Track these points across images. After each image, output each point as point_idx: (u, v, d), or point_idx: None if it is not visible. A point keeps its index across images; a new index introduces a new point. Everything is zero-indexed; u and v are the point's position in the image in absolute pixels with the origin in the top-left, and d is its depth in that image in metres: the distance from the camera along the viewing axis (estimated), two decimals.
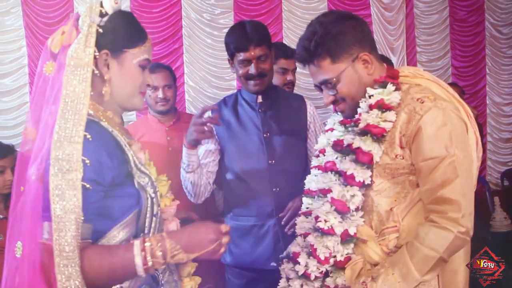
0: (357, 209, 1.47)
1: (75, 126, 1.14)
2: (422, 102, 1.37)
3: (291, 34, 5.55)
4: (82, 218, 1.12)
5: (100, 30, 1.23)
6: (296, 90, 3.18)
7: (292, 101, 2.29)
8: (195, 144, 1.94)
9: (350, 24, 1.46)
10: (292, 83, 2.85)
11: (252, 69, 2.09)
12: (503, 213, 4.01)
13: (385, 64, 1.53)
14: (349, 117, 1.55)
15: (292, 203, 2.06)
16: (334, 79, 1.44)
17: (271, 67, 2.18)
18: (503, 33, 6.33)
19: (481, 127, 5.11)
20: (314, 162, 1.72)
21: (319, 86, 1.53)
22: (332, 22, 1.46)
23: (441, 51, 6.13)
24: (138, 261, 1.16)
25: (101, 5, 1.26)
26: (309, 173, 1.74)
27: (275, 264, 1.89)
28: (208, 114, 2.08)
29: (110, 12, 1.26)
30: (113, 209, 1.21)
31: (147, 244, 1.18)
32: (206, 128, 1.89)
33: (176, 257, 1.19)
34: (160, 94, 2.58)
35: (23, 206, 1.20)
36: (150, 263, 1.17)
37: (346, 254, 1.48)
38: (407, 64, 5.76)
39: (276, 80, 2.63)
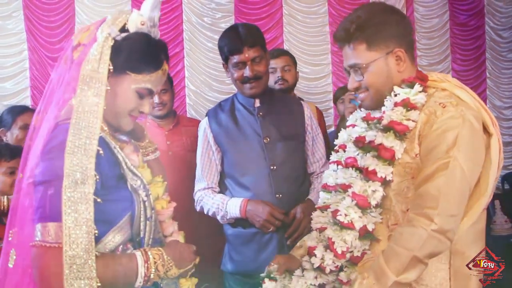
0: (376, 206, 1.47)
1: (88, 139, 1.13)
2: (444, 107, 1.38)
3: (292, 38, 5.57)
4: (96, 231, 1.12)
5: (111, 43, 1.20)
6: (297, 94, 3.19)
7: (290, 104, 2.26)
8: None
9: (395, 18, 1.48)
10: (283, 80, 2.89)
11: (247, 72, 2.05)
12: (504, 217, 4.00)
13: (417, 67, 1.54)
14: (368, 109, 1.56)
15: (295, 211, 2.04)
16: (364, 65, 1.45)
17: (267, 69, 2.14)
18: (503, 37, 6.34)
19: None
20: (333, 157, 1.69)
21: (348, 70, 1.54)
22: (378, 11, 1.48)
23: (442, 55, 6.15)
24: (142, 271, 1.20)
25: (127, 21, 1.24)
26: (310, 177, 1.74)
27: None
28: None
29: (132, 30, 1.24)
30: (108, 212, 1.21)
31: (150, 256, 1.22)
32: (272, 228, 2.01)
33: (170, 272, 1.25)
34: (156, 99, 2.58)
35: (18, 194, 1.21)
36: (152, 275, 1.21)
37: (363, 250, 1.48)
38: None
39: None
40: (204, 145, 2.19)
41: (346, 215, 1.46)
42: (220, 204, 2.09)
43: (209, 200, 2.13)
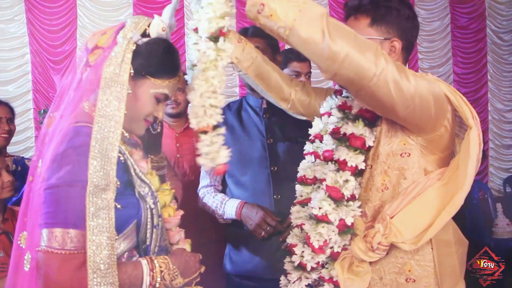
0: (353, 198, 1.46)
1: (110, 145, 1.14)
2: None
3: None
4: (116, 237, 1.13)
5: (133, 48, 1.21)
6: None
7: None
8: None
9: (407, 13, 1.47)
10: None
11: None
12: (506, 220, 3.99)
13: (407, 68, 1.53)
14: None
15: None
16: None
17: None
18: (505, 40, 6.35)
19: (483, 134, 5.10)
20: (308, 147, 1.67)
21: None
22: (400, 0, 1.48)
23: (443, 57, 6.15)
24: (147, 280, 1.19)
25: (148, 26, 1.25)
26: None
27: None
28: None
29: (153, 35, 1.24)
30: (115, 219, 1.19)
31: (157, 264, 1.22)
32: (263, 233, 1.99)
33: (175, 281, 1.25)
34: None
35: (27, 198, 1.21)
36: (157, 285, 1.21)
37: (344, 246, 1.47)
38: None
39: None
40: None
41: (319, 208, 1.45)
42: (219, 204, 2.12)
43: (210, 198, 2.16)
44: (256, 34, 2.01)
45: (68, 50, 5.24)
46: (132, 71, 1.21)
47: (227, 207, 2.09)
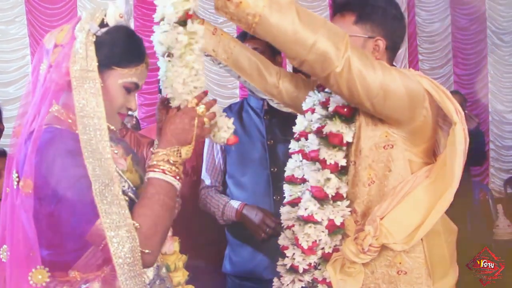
0: (340, 197, 1.45)
1: (100, 143, 1.12)
2: None
3: None
4: (137, 224, 1.10)
5: (93, 39, 1.17)
6: None
7: None
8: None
9: (394, 13, 1.47)
10: None
11: None
12: (507, 221, 3.99)
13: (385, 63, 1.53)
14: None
15: None
16: None
17: None
18: (505, 41, 6.35)
19: (483, 135, 5.09)
20: (294, 145, 1.63)
21: None
22: (387, 0, 1.48)
23: (443, 59, 6.15)
24: (170, 180, 1.18)
25: (105, 15, 1.21)
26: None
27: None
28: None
29: (111, 24, 1.20)
30: None
31: (162, 157, 1.18)
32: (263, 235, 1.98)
33: (183, 156, 1.21)
34: None
35: (7, 209, 1.17)
36: (174, 173, 1.19)
37: (335, 246, 1.46)
38: None
39: None
40: (210, 144, 2.22)
41: (305, 208, 1.45)
42: (220, 205, 2.12)
43: (211, 199, 2.17)
44: (254, 36, 2.02)
45: None
46: (97, 63, 1.16)
47: (227, 208, 2.09)
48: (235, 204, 2.08)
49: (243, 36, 2.02)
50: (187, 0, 1.23)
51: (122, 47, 1.21)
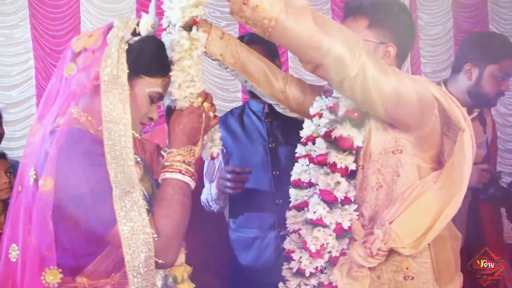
0: (348, 201, 1.46)
1: (124, 149, 1.12)
2: None
3: None
4: (155, 235, 1.10)
5: (126, 47, 1.19)
6: None
7: None
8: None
9: (406, 20, 1.49)
10: None
11: None
12: (510, 224, 3.97)
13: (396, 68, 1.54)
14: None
15: None
16: None
17: None
18: None
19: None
20: (301, 150, 1.65)
21: None
22: (397, 5, 1.50)
23: (446, 62, 6.14)
24: (188, 180, 1.20)
25: (137, 24, 1.23)
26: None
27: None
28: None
29: (143, 34, 1.23)
30: None
31: (177, 158, 1.21)
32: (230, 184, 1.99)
33: (196, 155, 1.24)
34: None
35: (18, 208, 1.18)
36: (190, 173, 1.22)
37: (341, 250, 1.47)
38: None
39: None
40: None
41: (314, 212, 1.45)
42: (208, 189, 2.17)
43: (204, 190, 2.21)
44: (252, 41, 1.99)
45: None
46: (127, 70, 1.18)
47: (212, 187, 2.13)
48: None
49: (240, 41, 2.02)
50: (196, 7, 1.24)
51: (152, 57, 1.22)
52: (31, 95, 5.16)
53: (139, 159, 1.25)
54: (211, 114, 1.30)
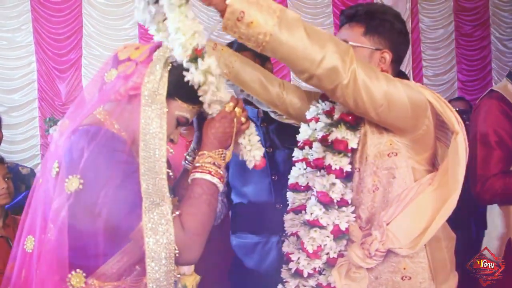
0: (345, 203, 1.47)
1: (157, 162, 1.14)
2: None
3: None
4: (177, 251, 1.11)
5: (169, 67, 1.22)
6: None
7: None
8: None
9: (400, 28, 1.52)
10: None
11: None
12: None
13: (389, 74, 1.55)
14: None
15: None
16: (351, 43, 1.44)
17: None
18: (509, 47, 6.34)
19: None
20: (297, 154, 1.65)
21: None
22: (391, 13, 1.53)
23: (447, 65, 6.15)
24: (216, 181, 1.22)
25: None
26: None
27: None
28: None
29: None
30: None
31: (208, 160, 1.23)
32: None
33: (226, 159, 1.27)
34: None
35: (38, 201, 1.20)
36: (219, 175, 1.24)
37: (339, 252, 1.48)
38: (413, 79, 5.79)
39: None
40: None
41: (311, 213, 1.47)
42: None
43: None
44: (241, 48, 1.99)
45: (74, 58, 5.29)
46: (166, 90, 1.21)
47: None
48: None
49: (229, 48, 2.02)
50: (193, 37, 1.24)
51: (189, 84, 1.24)
52: (33, 98, 5.18)
53: (171, 174, 1.28)
54: (242, 119, 1.32)
